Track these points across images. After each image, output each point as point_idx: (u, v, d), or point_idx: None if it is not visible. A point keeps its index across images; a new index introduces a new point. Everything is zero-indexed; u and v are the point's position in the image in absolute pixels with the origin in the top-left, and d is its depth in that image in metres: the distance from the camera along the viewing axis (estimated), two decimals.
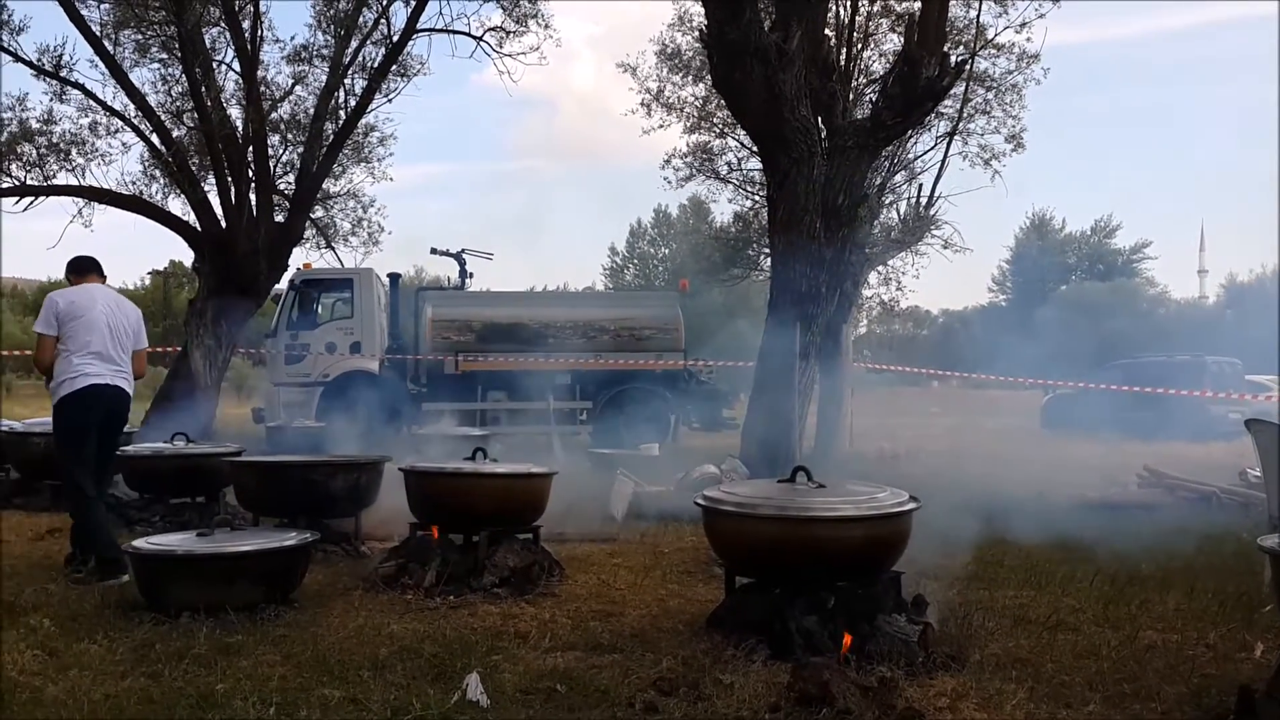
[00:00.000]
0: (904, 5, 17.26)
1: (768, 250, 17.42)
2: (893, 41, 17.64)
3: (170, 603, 5.01)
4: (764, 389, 10.30)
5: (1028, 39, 17.75)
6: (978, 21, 16.88)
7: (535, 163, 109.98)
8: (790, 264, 10.15)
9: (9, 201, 16.18)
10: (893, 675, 3.99)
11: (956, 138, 17.91)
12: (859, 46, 17.39)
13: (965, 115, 17.77)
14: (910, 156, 18.13)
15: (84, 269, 6.67)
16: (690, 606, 5.45)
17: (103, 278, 6.73)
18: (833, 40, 14.40)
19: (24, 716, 3.69)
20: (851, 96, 16.07)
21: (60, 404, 6.29)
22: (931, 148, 17.95)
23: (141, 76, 16.54)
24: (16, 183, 16.17)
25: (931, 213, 17.16)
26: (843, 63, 15.61)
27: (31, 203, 16.30)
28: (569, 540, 7.23)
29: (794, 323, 9.98)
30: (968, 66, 14.32)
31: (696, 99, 20.52)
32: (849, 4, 16.73)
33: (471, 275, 19.32)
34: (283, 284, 17.15)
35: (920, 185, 17.66)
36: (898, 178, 18.16)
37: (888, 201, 17.70)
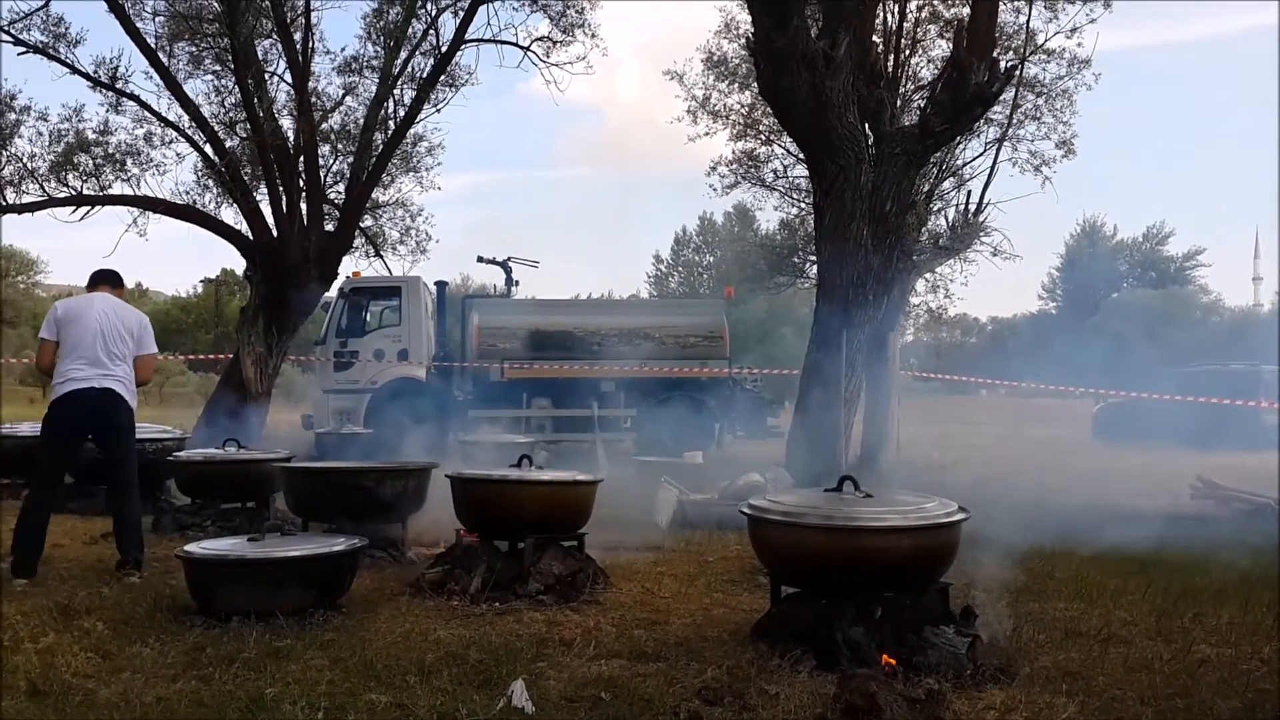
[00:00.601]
0: (952, 11, 17.16)
1: (814, 258, 17.37)
2: (941, 47, 17.55)
3: (221, 607, 5.08)
4: (810, 397, 10.25)
5: (1078, 44, 17.56)
6: (1027, 26, 16.72)
7: (581, 171, 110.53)
8: (837, 271, 10.09)
9: (65, 211, 16.55)
10: (940, 687, 3.95)
11: (1006, 144, 17.78)
12: (906, 52, 17.29)
13: (1015, 121, 17.61)
14: (959, 163, 18.03)
15: (95, 280, 6.80)
16: (735, 616, 5.43)
17: (116, 288, 6.82)
18: (880, 46, 14.32)
19: (78, 718, 3.75)
20: (899, 103, 15.97)
21: (48, 407, 6.44)
22: (980, 154, 17.83)
23: (195, 88, 16.85)
24: (73, 192, 16.53)
25: (980, 219, 17.01)
26: (890, 69, 15.52)
27: (88, 212, 16.67)
28: (613, 548, 7.23)
29: (840, 331, 9.92)
30: (1017, 72, 14.17)
31: (742, 106, 20.51)
32: (896, 10, 16.64)
33: (517, 283, 19.43)
34: (332, 292, 17.36)
35: (969, 192, 17.53)
36: (946, 184, 18.07)
37: (936, 208, 17.60)
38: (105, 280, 6.84)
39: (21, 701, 3.89)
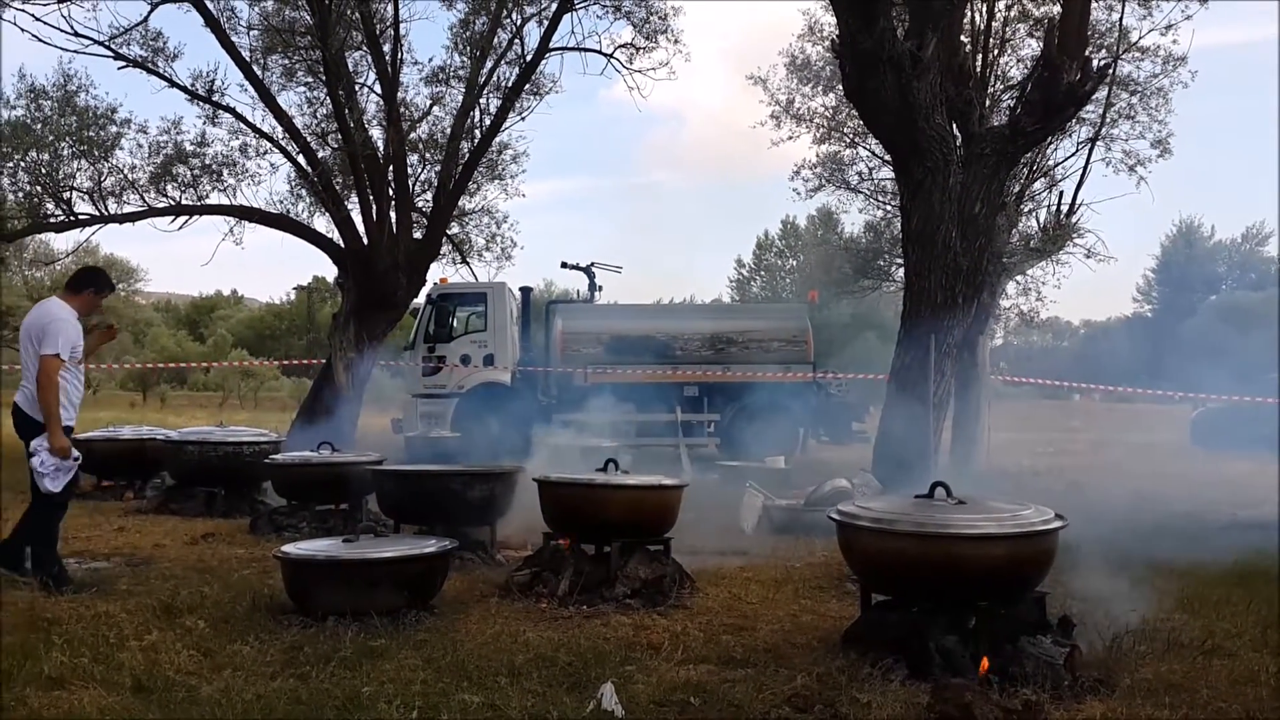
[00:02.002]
0: (1042, 9, 16.80)
1: (900, 261, 17.12)
2: (1030, 46, 17.18)
3: (317, 606, 5.20)
4: (898, 402, 10.10)
5: (1174, 41, 17.03)
6: (1120, 24, 16.28)
7: (662, 176, 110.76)
8: (925, 275, 9.94)
9: (164, 220, 17.12)
10: (1038, 698, 3.87)
11: (1099, 143, 17.33)
12: (995, 52, 16.97)
13: (1108, 120, 17.15)
14: (1050, 163, 17.62)
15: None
16: (823, 623, 5.39)
17: (70, 293, 6.30)
18: (968, 46, 14.08)
19: (181, 714, 3.87)
20: (988, 103, 15.68)
21: None
22: (1073, 154, 17.39)
23: (288, 100, 17.27)
24: (172, 203, 17.08)
25: (1073, 220, 16.61)
26: (979, 69, 15.25)
27: (186, 221, 17.21)
28: (699, 553, 7.23)
29: (928, 335, 9.77)
30: (1110, 70, 13.82)
31: (826, 109, 20.33)
32: (985, 9, 16.34)
33: (601, 288, 19.52)
34: (420, 298, 17.64)
35: (1061, 193, 17.10)
36: (1037, 185, 17.67)
37: (1027, 209, 17.23)
38: (66, 285, 6.45)
39: (127, 697, 4.02)
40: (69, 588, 5.95)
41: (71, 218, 16.73)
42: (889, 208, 20.64)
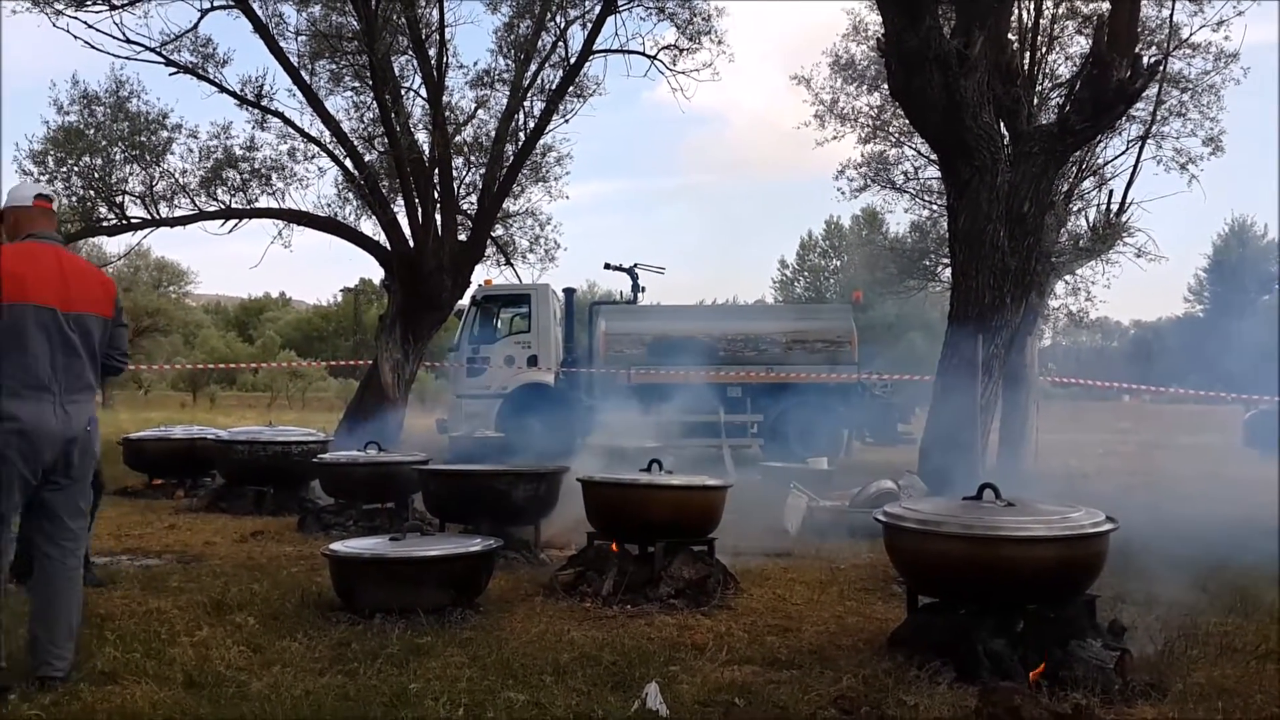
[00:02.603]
0: (1091, 6, 16.59)
1: (947, 261, 16.98)
2: (1079, 44, 16.98)
3: (364, 603, 5.25)
4: (944, 403, 10.01)
5: (1225, 37, 16.74)
6: (1170, 20, 16.02)
7: (705, 177, 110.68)
8: (972, 275, 9.84)
9: (215, 224, 17.39)
10: (1088, 703, 3.82)
11: (1150, 141, 17.08)
12: (1043, 50, 16.78)
13: (1159, 118, 16.89)
14: (1100, 161, 17.38)
15: None
16: (869, 625, 5.35)
17: None
18: (1016, 44, 13.93)
19: (231, 710, 3.92)
20: (1036, 101, 15.50)
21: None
22: (1123, 152, 17.15)
23: (336, 104, 17.51)
24: (222, 206, 17.36)
25: (1123, 219, 16.37)
26: (1027, 67, 15.08)
27: (236, 225, 17.49)
28: (743, 553, 7.21)
29: (976, 335, 9.67)
30: (1161, 68, 13.60)
31: (871, 108, 20.20)
32: (1033, 6, 16.16)
33: (644, 289, 19.54)
34: (465, 300, 17.78)
35: (1110, 191, 16.87)
36: (1086, 184, 17.45)
37: (1076, 208, 17.02)
38: None
39: (179, 692, 4.08)
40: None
41: (124, 221, 17.08)
42: (935, 207, 20.46)
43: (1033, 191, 9.89)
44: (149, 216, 17.14)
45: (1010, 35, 12.55)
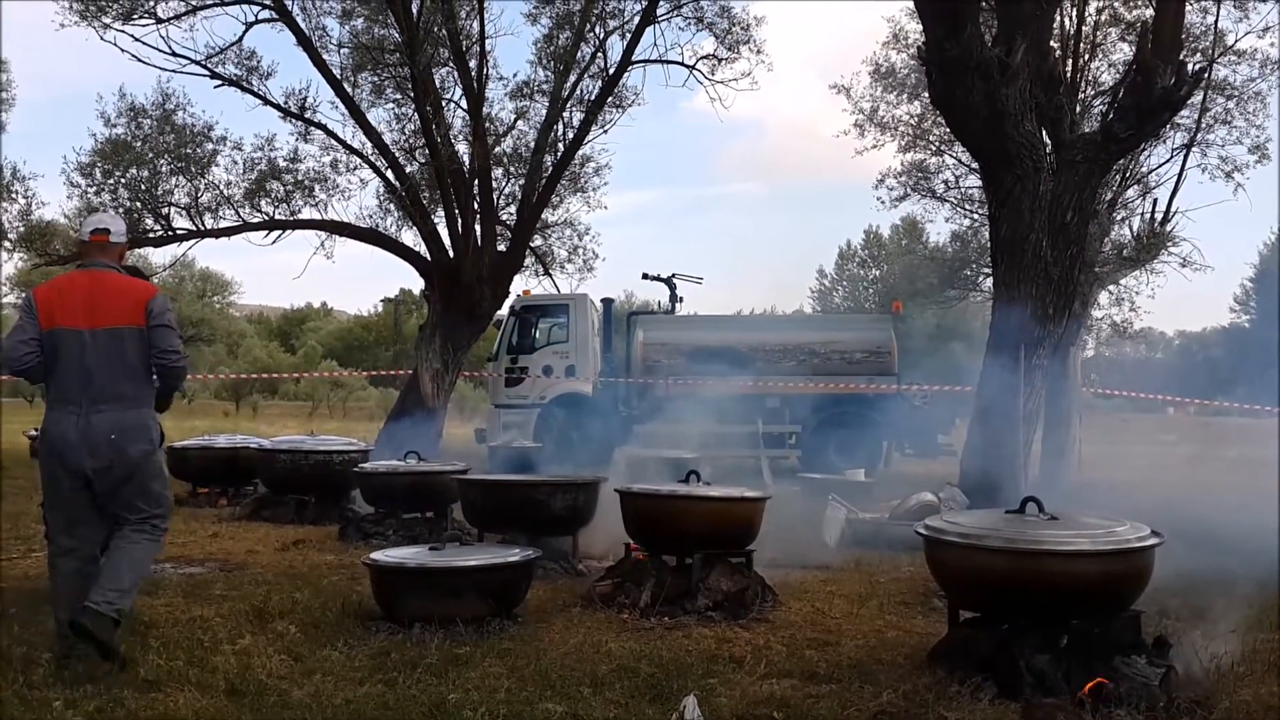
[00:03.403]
0: (1135, 13, 16.43)
1: (988, 270, 16.84)
2: (1122, 51, 16.81)
3: (404, 613, 5.27)
4: (985, 415, 9.91)
5: (1271, 43, 16.53)
6: (1215, 27, 15.83)
7: (743, 186, 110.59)
8: (1014, 285, 9.73)
9: (258, 235, 17.61)
10: None
11: (1194, 149, 16.89)
12: (1086, 57, 16.63)
13: (1204, 126, 16.70)
14: (1144, 170, 17.20)
15: None
16: (909, 639, 5.30)
17: None
18: (1058, 51, 13.81)
19: (273, 718, 3.96)
20: (1079, 109, 15.35)
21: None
22: (1167, 160, 16.98)
23: (377, 116, 17.68)
24: (266, 217, 17.57)
25: (1167, 229, 16.17)
26: (1069, 74, 14.94)
27: (279, 236, 17.69)
28: (781, 565, 7.17)
29: (1018, 346, 9.57)
30: (1206, 74, 13.42)
31: (911, 117, 20.12)
32: (1075, 13, 16.02)
33: (681, 299, 19.53)
34: (504, 310, 17.85)
35: (1155, 200, 16.70)
36: (1130, 192, 17.27)
37: (1119, 217, 16.84)
38: None
39: (221, 700, 4.12)
40: None
41: (170, 233, 17.32)
42: (976, 216, 20.33)
43: (1076, 200, 9.78)
44: (194, 228, 17.38)
45: (1053, 42, 12.44)
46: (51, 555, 4.80)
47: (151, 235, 17.40)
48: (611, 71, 17.47)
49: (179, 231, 17.38)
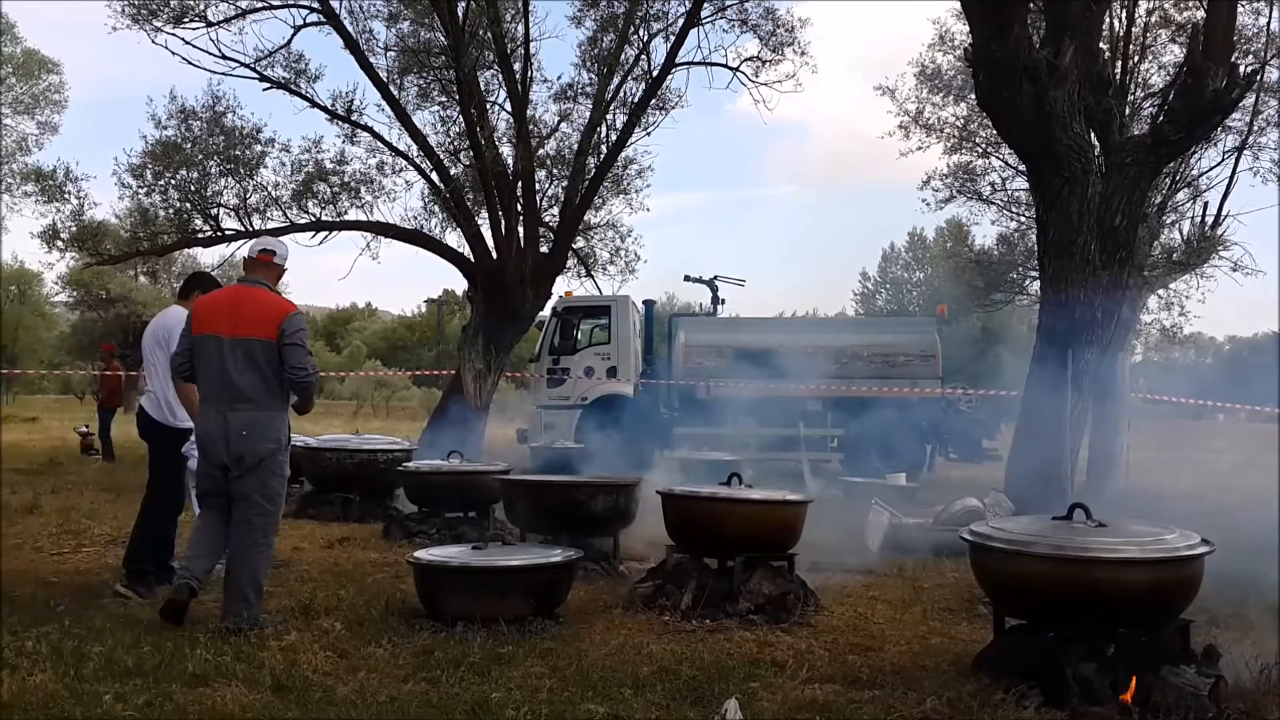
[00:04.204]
0: (1185, 14, 16.20)
1: (1034, 274, 16.65)
2: (1173, 53, 16.58)
3: (447, 611, 5.31)
4: (1032, 420, 9.80)
5: None
6: (1268, 29, 15.56)
7: (786, 189, 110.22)
8: (1062, 289, 9.62)
9: (305, 235, 17.80)
10: None
11: (1246, 152, 16.62)
12: (1136, 59, 16.41)
13: (1255, 128, 16.43)
14: (1194, 173, 16.94)
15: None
16: (954, 645, 5.25)
17: (184, 300, 6.43)
18: (1107, 53, 13.63)
19: (318, 714, 4.00)
20: (1129, 111, 15.15)
21: None
22: (1218, 163, 16.73)
23: (423, 119, 17.81)
24: (313, 219, 17.76)
25: (1218, 232, 15.94)
26: (1119, 76, 14.75)
27: (326, 237, 17.87)
28: (823, 569, 7.13)
29: (1065, 350, 9.45)
30: (1258, 76, 13.20)
31: (958, 119, 19.96)
32: (1124, 15, 15.82)
33: (723, 301, 19.49)
34: (546, 311, 17.92)
35: (1205, 203, 16.48)
36: (1180, 196, 17.02)
37: (1169, 221, 16.60)
38: (178, 294, 6.86)
39: (267, 695, 4.17)
40: (150, 592, 6.01)
41: (219, 233, 17.54)
42: (1023, 219, 20.12)
43: (1125, 204, 9.65)
44: (242, 228, 17.60)
45: (1101, 44, 12.29)
46: (199, 518, 5.66)
47: (201, 235, 17.65)
48: (655, 74, 17.46)
49: (227, 232, 17.60)
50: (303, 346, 5.33)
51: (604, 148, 17.64)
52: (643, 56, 17.64)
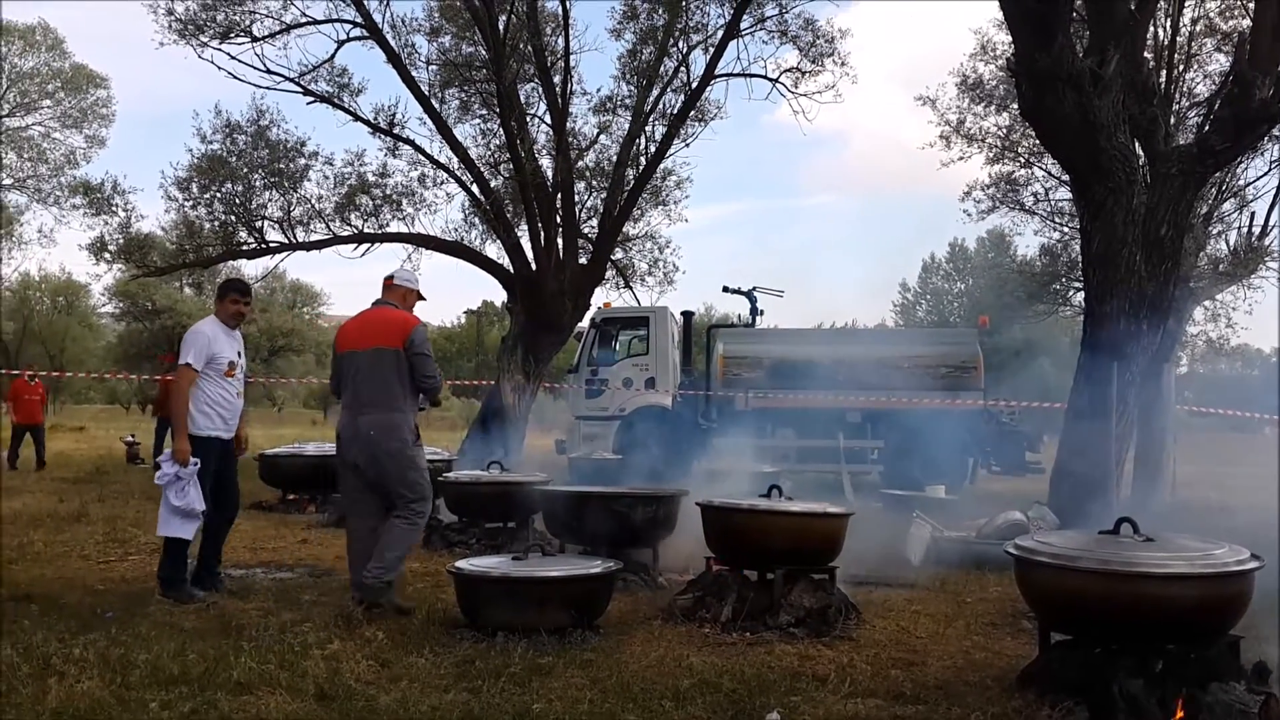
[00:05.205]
0: (1231, 23, 15.99)
1: (1078, 285, 16.49)
2: (1219, 62, 16.37)
3: (488, 622, 5.34)
4: (1076, 432, 9.69)
5: None
6: None
7: (825, 199, 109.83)
8: (1106, 300, 9.51)
9: (348, 247, 17.99)
10: None
11: None
12: (1181, 68, 16.22)
13: None
14: (1240, 183, 16.70)
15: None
16: (998, 661, 5.20)
17: (218, 304, 6.70)
18: (1152, 62, 13.49)
19: None
20: (1174, 121, 14.97)
21: None
22: (1265, 173, 16.47)
23: (464, 131, 17.99)
24: (355, 231, 17.95)
25: (1265, 243, 15.70)
26: (1164, 86, 14.59)
27: (368, 249, 18.06)
28: (864, 583, 7.08)
29: (1110, 363, 9.34)
30: None
31: (999, 129, 19.81)
32: (1169, 24, 15.65)
33: (762, 312, 19.42)
34: (584, 322, 17.97)
35: (1252, 214, 16.25)
36: (1226, 206, 16.78)
37: (1215, 232, 16.38)
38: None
39: (310, 704, 4.21)
40: (174, 595, 6.19)
41: (262, 245, 17.78)
42: (1067, 230, 19.92)
43: (1171, 214, 9.53)
44: (286, 240, 17.82)
45: (1146, 53, 12.17)
46: (348, 527, 6.27)
47: (245, 248, 17.89)
48: (694, 86, 17.51)
49: (271, 244, 17.83)
50: (429, 356, 6.03)
51: (643, 159, 17.70)
52: (682, 68, 17.71)
